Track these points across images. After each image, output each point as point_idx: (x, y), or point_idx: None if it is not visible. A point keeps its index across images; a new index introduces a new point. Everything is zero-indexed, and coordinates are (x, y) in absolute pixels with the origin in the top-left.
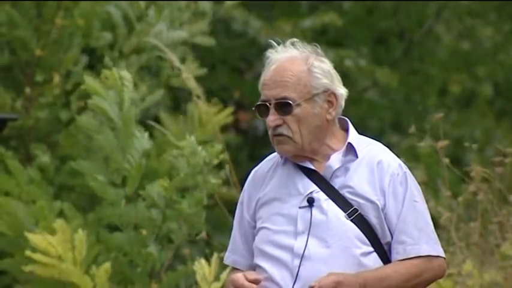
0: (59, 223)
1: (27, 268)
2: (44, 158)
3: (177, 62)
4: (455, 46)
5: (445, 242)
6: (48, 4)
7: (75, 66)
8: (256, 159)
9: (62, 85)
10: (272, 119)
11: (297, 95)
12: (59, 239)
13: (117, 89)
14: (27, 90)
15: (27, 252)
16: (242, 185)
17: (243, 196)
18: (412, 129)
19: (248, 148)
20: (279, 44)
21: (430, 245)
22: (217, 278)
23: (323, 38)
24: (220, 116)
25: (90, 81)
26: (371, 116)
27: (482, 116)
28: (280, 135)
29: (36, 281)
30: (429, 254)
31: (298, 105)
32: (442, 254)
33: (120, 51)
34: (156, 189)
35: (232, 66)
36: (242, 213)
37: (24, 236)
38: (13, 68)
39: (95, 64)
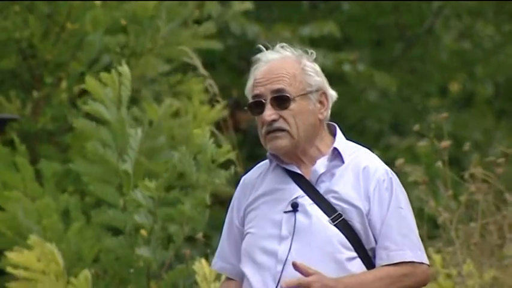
0: (33, 239)
1: (11, 285)
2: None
3: (201, 67)
4: (456, 45)
5: (445, 242)
6: (59, 5)
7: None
8: (256, 159)
9: (70, 88)
10: (269, 113)
11: (293, 90)
12: (37, 254)
13: (115, 88)
14: (35, 93)
15: (9, 269)
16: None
17: (233, 203)
18: (416, 127)
19: (248, 148)
20: (267, 48)
21: (414, 251)
22: (217, 278)
23: (322, 42)
24: (213, 112)
25: (90, 80)
26: (370, 116)
27: (482, 116)
28: (277, 130)
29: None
30: (412, 260)
31: (294, 100)
32: (426, 261)
33: (129, 54)
34: (142, 193)
35: (231, 66)
36: (232, 219)
37: (23, 235)
38: (21, 71)
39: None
